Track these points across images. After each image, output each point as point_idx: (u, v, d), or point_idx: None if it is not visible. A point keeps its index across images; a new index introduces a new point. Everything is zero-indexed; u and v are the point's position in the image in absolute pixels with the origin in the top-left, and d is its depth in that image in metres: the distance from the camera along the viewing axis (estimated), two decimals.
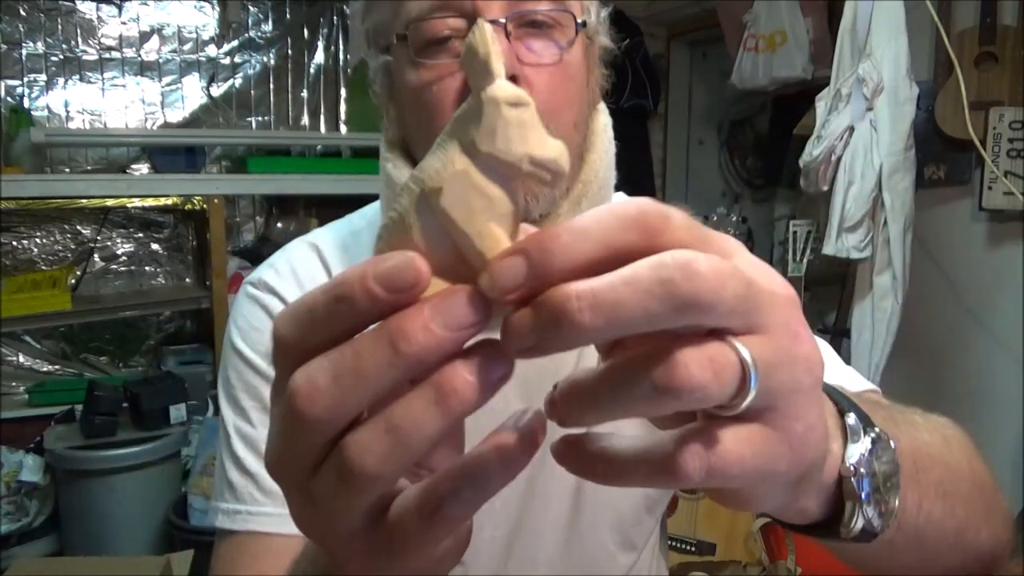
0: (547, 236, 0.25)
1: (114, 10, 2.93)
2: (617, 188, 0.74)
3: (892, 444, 0.37)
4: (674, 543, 2.03)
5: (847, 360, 0.84)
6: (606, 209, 0.25)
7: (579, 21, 0.63)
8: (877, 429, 0.36)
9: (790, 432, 0.27)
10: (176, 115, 3.06)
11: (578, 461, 0.27)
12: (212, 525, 0.67)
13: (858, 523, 0.35)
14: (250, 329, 0.70)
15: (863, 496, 0.34)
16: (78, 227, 2.91)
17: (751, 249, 0.28)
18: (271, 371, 0.68)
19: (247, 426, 0.67)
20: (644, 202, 0.26)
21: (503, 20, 0.60)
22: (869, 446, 0.35)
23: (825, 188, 2.04)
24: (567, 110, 0.63)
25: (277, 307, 0.69)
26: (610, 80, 0.71)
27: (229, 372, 0.70)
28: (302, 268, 0.72)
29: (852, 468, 0.34)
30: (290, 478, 0.28)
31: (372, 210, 0.77)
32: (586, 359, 0.66)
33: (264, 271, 0.73)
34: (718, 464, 0.26)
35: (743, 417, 0.26)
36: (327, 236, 0.75)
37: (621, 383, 0.25)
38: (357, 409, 0.26)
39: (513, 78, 0.59)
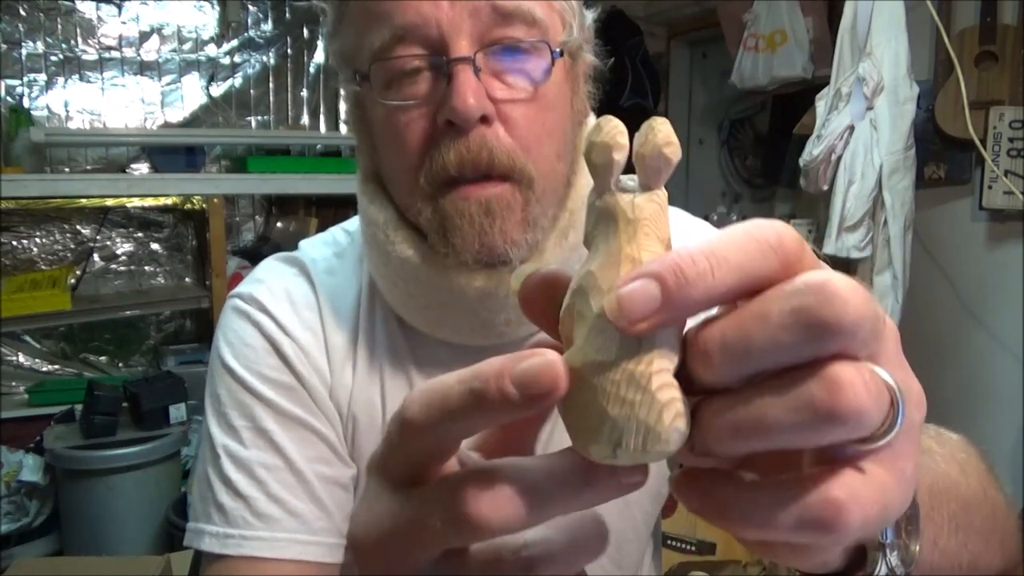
0: (682, 261, 0.23)
1: (114, 10, 2.93)
2: None
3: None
4: (674, 543, 2.02)
5: None
6: (742, 232, 0.24)
7: (555, 50, 0.60)
8: None
9: (904, 473, 0.25)
10: (176, 115, 3.06)
11: (704, 499, 0.26)
12: (196, 547, 0.64)
13: (881, 570, 0.33)
14: (242, 346, 0.66)
15: (887, 543, 0.33)
16: (78, 227, 2.91)
17: None
18: (265, 390, 0.65)
19: (238, 447, 0.64)
20: (780, 226, 0.24)
21: (471, 56, 0.57)
22: None
23: (825, 188, 2.04)
24: (548, 142, 0.61)
25: (270, 326, 0.66)
26: (603, 89, 0.68)
27: (219, 389, 0.66)
28: (296, 291, 0.69)
29: None
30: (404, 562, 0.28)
31: (356, 224, 0.73)
32: None
33: (254, 287, 0.69)
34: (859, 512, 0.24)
35: (858, 460, 0.25)
36: (313, 258, 0.71)
37: (779, 405, 0.23)
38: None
39: (484, 118, 0.57)
